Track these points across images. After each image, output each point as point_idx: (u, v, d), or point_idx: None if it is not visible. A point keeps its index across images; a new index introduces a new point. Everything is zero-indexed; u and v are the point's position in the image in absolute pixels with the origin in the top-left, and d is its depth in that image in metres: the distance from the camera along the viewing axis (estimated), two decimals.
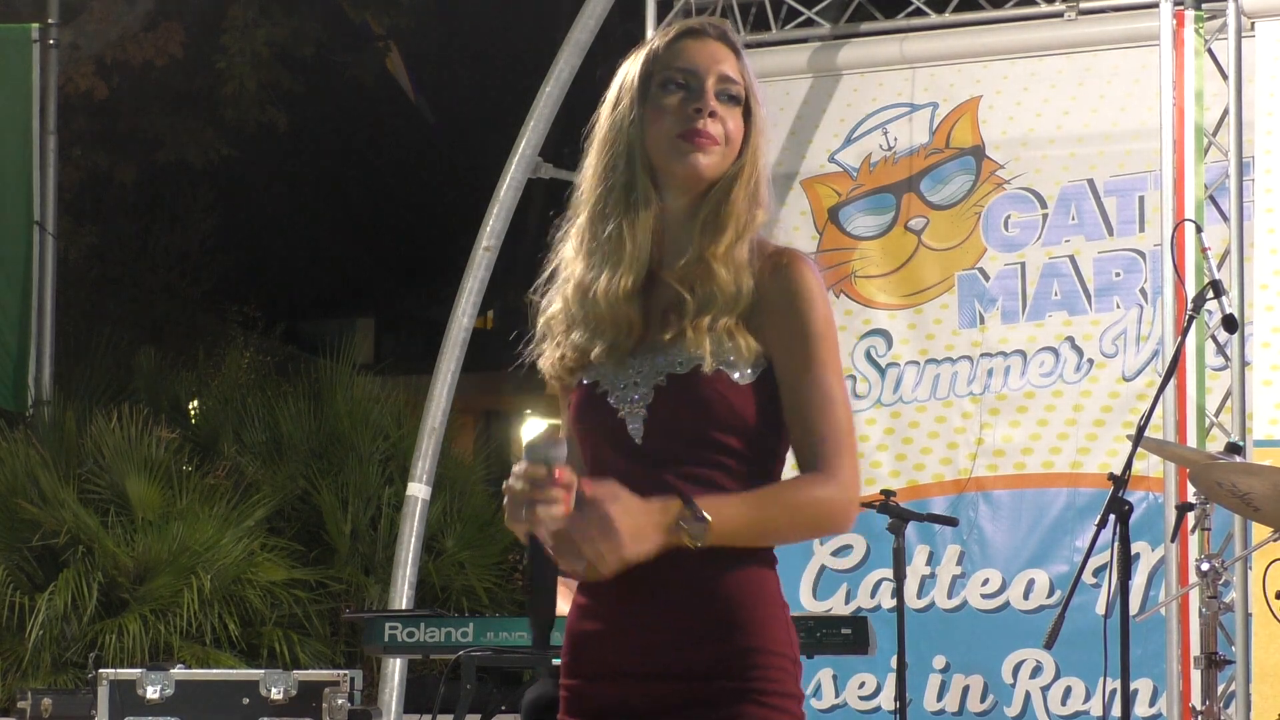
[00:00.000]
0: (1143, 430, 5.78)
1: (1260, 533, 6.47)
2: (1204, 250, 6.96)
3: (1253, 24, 7.70)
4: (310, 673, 7.69)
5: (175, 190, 17.41)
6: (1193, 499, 6.45)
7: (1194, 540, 6.98)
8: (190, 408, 12.24)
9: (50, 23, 10.87)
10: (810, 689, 8.07)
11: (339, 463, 11.22)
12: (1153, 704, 7.68)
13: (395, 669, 8.65)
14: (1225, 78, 7.68)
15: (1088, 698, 7.79)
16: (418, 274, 22.09)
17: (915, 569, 8.05)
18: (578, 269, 3.03)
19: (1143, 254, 7.97)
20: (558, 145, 9.03)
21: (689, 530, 2.80)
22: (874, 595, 8.16)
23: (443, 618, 6.24)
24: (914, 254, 8.33)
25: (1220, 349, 7.62)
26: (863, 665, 7.91)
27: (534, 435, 2.82)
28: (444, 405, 8.91)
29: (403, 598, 8.75)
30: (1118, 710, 5.69)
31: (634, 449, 2.93)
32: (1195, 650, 6.60)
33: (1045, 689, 7.89)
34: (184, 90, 15.50)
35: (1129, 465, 5.71)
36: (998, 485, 8.08)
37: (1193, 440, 7.50)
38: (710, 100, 2.98)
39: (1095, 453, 7.89)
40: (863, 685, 8.13)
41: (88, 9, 13.37)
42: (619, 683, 2.94)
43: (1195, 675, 6.61)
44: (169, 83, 15.22)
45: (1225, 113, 7.67)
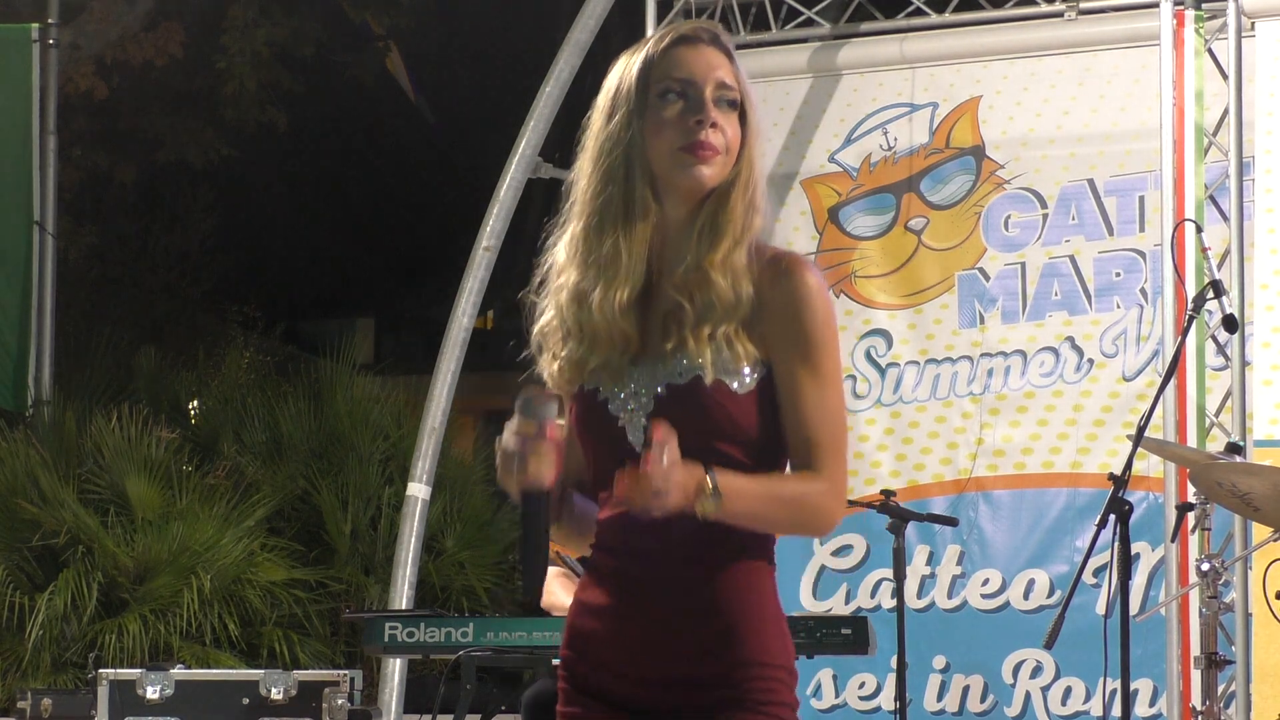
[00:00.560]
0: (1143, 430, 5.78)
1: (1260, 533, 6.47)
2: (1204, 250, 6.95)
3: (1253, 24, 7.70)
4: (310, 673, 7.69)
5: (175, 190, 17.39)
6: (1193, 499, 6.45)
7: (1194, 540, 6.97)
8: (190, 408, 12.23)
9: (50, 23, 10.86)
10: (810, 689, 8.07)
11: (339, 463, 11.20)
12: (1153, 704, 7.67)
13: (395, 669, 8.64)
14: (1225, 78, 7.68)
15: (1088, 698, 7.78)
16: (418, 274, 22.03)
17: (915, 569, 8.05)
18: (572, 277, 3.01)
19: (1143, 254, 7.97)
20: (558, 145, 9.02)
21: (707, 502, 2.83)
22: (874, 595, 8.16)
23: (443, 618, 6.24)
24: (914, 254, 8.33)
25: (1220, 349, 7.62)
26: (863, 665, 7.91)
27: (526, 394, 2.83)
28: (444, 405, 8.91)
29: (403, 598, 8.74)
30: (1118, 710, 5.69)
31: (634, 457, 2.92)
32: (1195, 650, 6.61)
33: (1045, 689, 7.89)
34: (184, 90, 15.48)
35: (1129, 465, 5.72)
36: (998, 485, 8.08)
37: (1193, 440, 7.49)
38: (710, 110, 2.96)
39: (1095, 453, 7.89)
40: (863, 685, 8.13)
41: (88, 9, 13.36)
42: (618, 681, 2.98)
43: (1195, 675, 6.61)
44: (169, 83, 15.19)
45: (1225, 113, 7.67)
